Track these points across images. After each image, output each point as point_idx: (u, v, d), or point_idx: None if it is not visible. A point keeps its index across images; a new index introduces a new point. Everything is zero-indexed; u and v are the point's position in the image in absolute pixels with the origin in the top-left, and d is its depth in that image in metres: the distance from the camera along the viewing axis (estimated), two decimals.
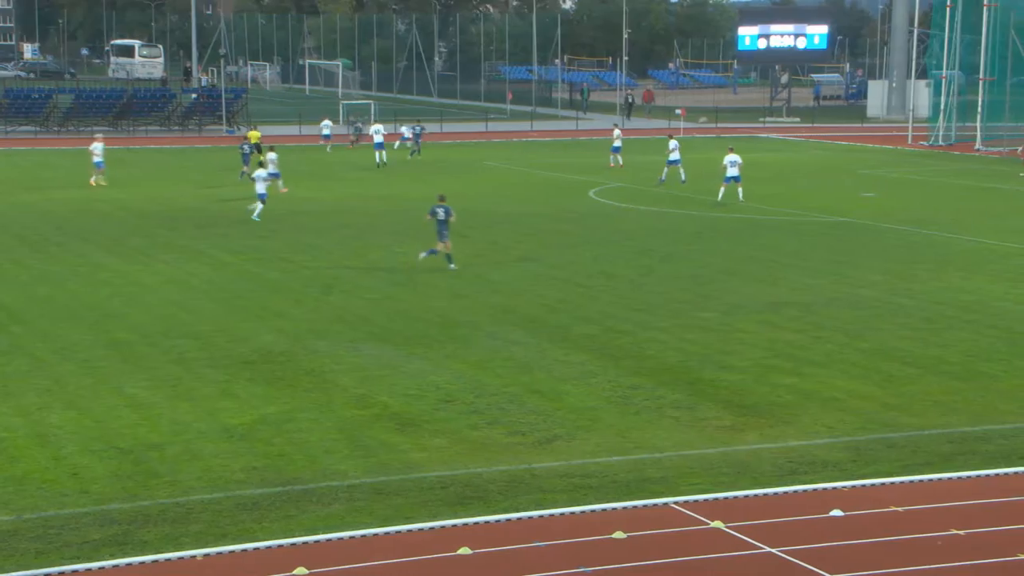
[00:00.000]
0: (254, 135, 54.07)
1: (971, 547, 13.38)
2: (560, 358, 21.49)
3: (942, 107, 65.02)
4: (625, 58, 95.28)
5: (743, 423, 17.85)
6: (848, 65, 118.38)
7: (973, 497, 14.90)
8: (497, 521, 14.32)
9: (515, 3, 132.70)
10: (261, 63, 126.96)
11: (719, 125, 78.92)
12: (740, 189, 41.78)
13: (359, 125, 64.05)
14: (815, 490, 15.22)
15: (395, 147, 60.00)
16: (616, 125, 57.82)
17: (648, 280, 28.58)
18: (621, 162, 52.83)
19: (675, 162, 47.63)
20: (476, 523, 14.24)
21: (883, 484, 15.37)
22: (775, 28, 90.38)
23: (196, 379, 20.06)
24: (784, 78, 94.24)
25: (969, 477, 15.61)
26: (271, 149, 45.56)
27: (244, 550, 13.46)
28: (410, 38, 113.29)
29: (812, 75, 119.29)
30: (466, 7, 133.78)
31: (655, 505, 14.77)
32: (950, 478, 15.60)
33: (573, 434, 17.41)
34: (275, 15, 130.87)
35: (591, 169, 53.60)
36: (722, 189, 41.99)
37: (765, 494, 15.12)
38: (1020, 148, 49.28)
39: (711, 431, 17.53)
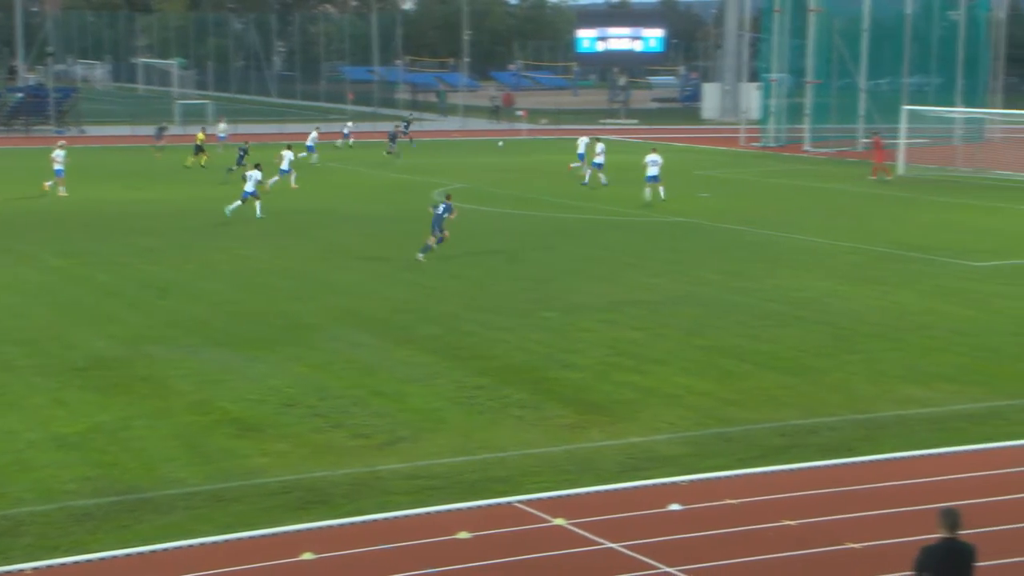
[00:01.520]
0: (200, 137, 53.62)
1: (802, 537, 13.82)
2: (405, 359, 21.44)
3: (772, 109, 66.99)
4: (466, 59, 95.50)
5: (586, 421, 18.09)
6: (683, 68, 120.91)
7: (804, 488, 15.39)
8: (341, 525, 14.21)
9: (354, 3, 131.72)
10: (91, 62, 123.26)
11: (560, 127, 79.79)
12: (662, 188, 42.45)
13: (164, 127, 62.23)
14: (655, 485, 15.52)
15: (338, 144, 59.69)
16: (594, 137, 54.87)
17: (494, 281, 28.73)
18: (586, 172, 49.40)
19: (597, 165, 47.71)
20: (319, 527, 14.10)
21: (719, 478, 15.76)
22: (613, 31, 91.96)
23: (26, 387, 19.39)
24: (622, 80, 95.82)
25: (800, 469, 16.11)
26: (288, 147, 46.68)
27: (76, 562, 13.06)
28: (248, 37, 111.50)
29: (649, 77, 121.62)
30: (305, 7, 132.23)
31: (499, 504, 14.86)
32: (782, 470, 16.08)
33: (418, 435, 17.39)
34: (105, 12, 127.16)
35: (435, 170, 53.63)
36: (647, 190, 42.57)
37: (607, 490, 15.34)
38: (874, 167, 51.13)
39: (555, 429, 17.71)
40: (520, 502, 14.90)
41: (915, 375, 20.40)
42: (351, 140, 64.56)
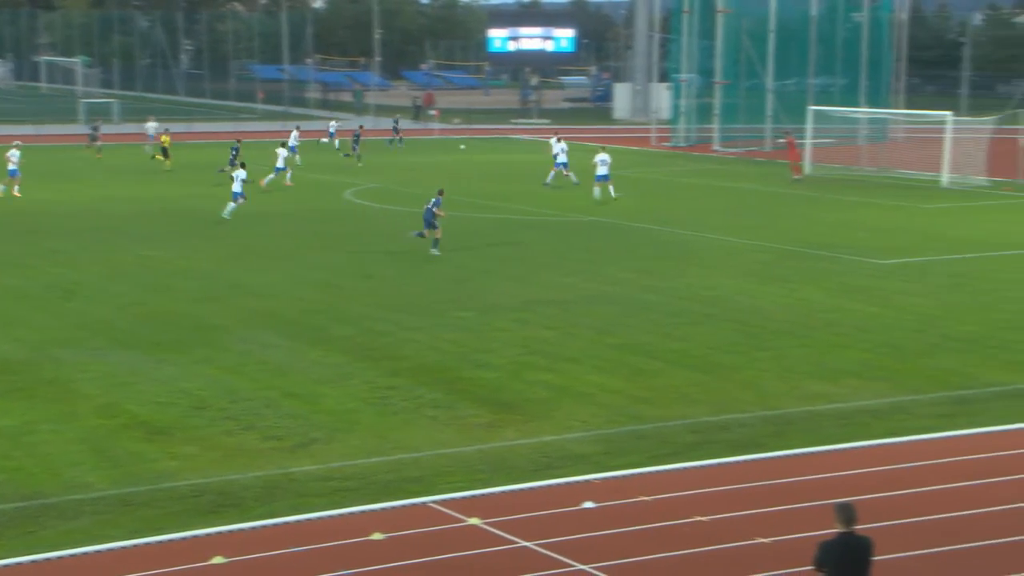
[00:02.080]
0: (166, 139, 52.57)
1: (714, 533, 14.00)
2: (317, 360, 21.30)
3: (682, 110, 67.68)
4: (378, 58, 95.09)
5: (500, 420, 18.13)
6: (594, 68, 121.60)
7: (715, 484, 15.58)
8: (253, 528, 14.08)
9: (263, 1, 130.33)
10: None
11: (472, 126, 79.82)
12: (611, 187, 42.90)
13: (97, 125, 61.34)
14: (568, 484, 15.61)
15: (322, 142, 58.97)
16: (559, 138, 52.09)
17: (407, 280, 28.66)
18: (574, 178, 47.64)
19: (563, 164, 47.65)
20: (231, 531, 13.97)
21: (632, 475, 15.89)
22: (524, 31, 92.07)
23: None
24: (534, 80, 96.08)
25: (711, 465, 16.31)
26: (282, 145, 48.02)
27: None
28: (154, 35, 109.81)
29: (560, 77, 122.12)
30: (213, 5, 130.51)
31: (413, 505, 14.84)
32: (694, 467, 16.27)
33: (331, 437, 17.29)
34: (7, 9, 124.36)
35: (346, 170, 53.32)
36: (596, 188, 42.97)
37: (521, 489, 15.40)
38: (794, 157, 51.83)
39: (469, 429, 17.73)
40: (434, 502, 14.90)
41: (822, 371, 20.76)
42: (336, 140, 62.97)
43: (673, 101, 70.44)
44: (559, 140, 49.22)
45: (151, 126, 60.30)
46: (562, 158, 47.81)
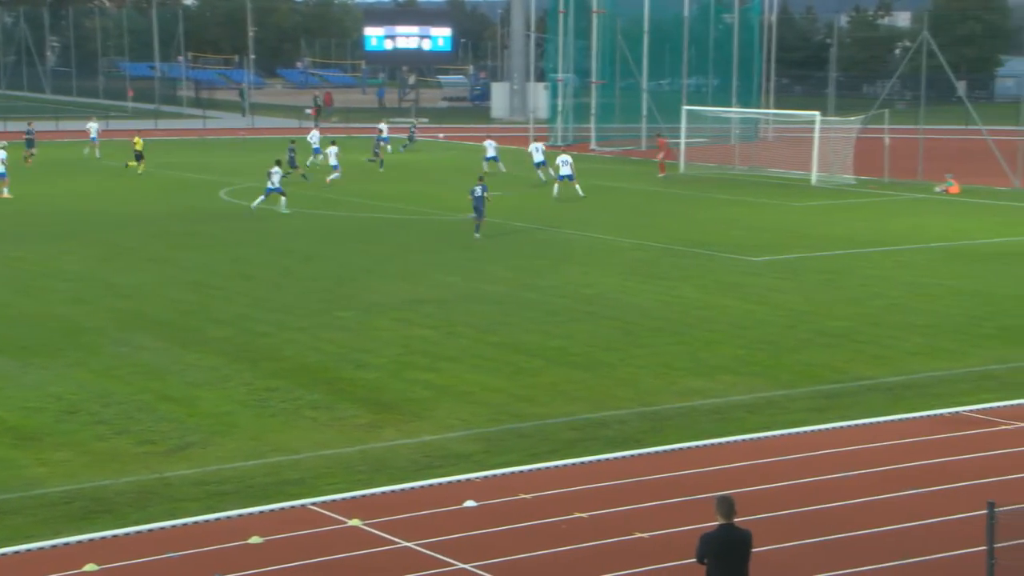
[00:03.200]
0: (138, 141, 51.05)
1: (594, 529, 14.13)
2: (193, 363, 20.94)
3: (559, 109, 68.12)
4: (252, 56, 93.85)
5: (380, 420, 18.04)
6: (472, 67, 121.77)
7: (595, 481, 15.73)
8: (127, 534, 13.80)
9: None
10: None
11: (350, 125, 79.24)
12: (577, 186, 43.22)
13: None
14: (449, 483, 15.60)
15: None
16: (536, 141, 52.91)
17: (287, 281, 28.34)
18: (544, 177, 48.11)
19: (541, 164, 48.23)
20: (103, 538, 13.67)
21: (513, 473, 15.95)
22: (400, 30, 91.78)
23: None
24: (411, 79, 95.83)
25: (591, 462, 16.46)
26: (332, 143, 48.98)
27: None
28: (18, 32, 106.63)
29: (438, 76, 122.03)
30: (79, 0, 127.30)
31: (292, 507, 14.69)
32: (574, 464, 16.40)
33: (208, 440, 17.02)
34: None
35: (221, 169, 52.51)
36: (556, 187, 43.35)
37: (401, 489, 15.35)
38: (660, 155, 52.47)
39: (349, 430, 17.61)
40: (314, 504, 14.76)
41: (698, 368, 21.10)
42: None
43: (550, 100, 70.87)
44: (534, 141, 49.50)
45: (92, 126, 58.22)
46: (538, 157, 48.74)
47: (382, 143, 57.73)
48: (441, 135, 72.70)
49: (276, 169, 39.37)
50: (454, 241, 34.57)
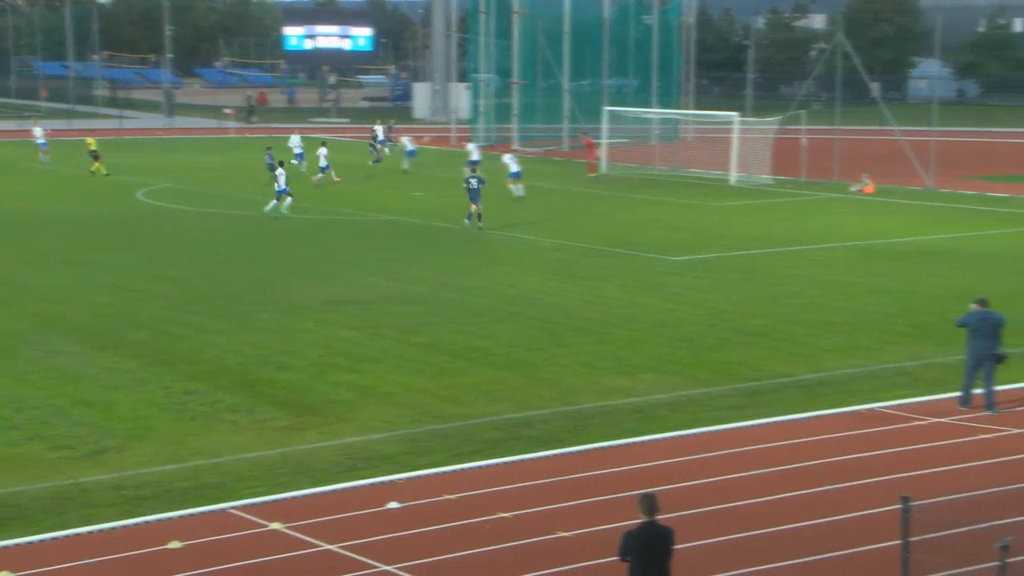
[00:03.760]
0: (92, 141, 49.71)
1: (517, 528, 14.15)
2: (110, 366, 20.62)
3: (481, 109, 68.15)
4: (169, 55, 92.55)
5: (302, 422, 17.90)
6: (393, 67, 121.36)
7: (518, 481, 15.74)
8: (41, 541, 13.55)
9: None
10: None
11: (271, 125, 78.57)
12: (512, 186, 43.24)
13: None
14: (372, 484, 15.53)
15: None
16: (472, 144, 52.95)
17: (206, 283, 28.02)
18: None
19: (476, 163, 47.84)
20: (17, 545, 13.41)
21: (436, 474, 15.92)
22: (320, 29, 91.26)
23: None
24: (332, 79, 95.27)
25: (514, 462, 16.48)
26: (323, 144, 49.00)
27: None
28: None
29: (359, 76, 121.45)
30: None
31: (212, 512, 14.52)
32: (497, 464, 16.40)
33: (125, 444, 16.76)
34: None
35: (139, 169, 51.75)
36: (514, 186, 43.34)
37: (324, 492, 15.24)
38: (591, 154, 52.63)
39: (270, 432, 17.44)
40: (234, 508, 14.60)
41: (620, 366, 21.22)
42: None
43: (472, 101, 70.88)
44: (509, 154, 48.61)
45: (38, 131, 56.53)
46: (475, 156, 49.01)
47: (380, 144, 57.27)
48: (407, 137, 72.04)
49: (282, 171, 39.52)
50: (374, 241, 34.42)
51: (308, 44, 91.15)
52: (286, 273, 29.24)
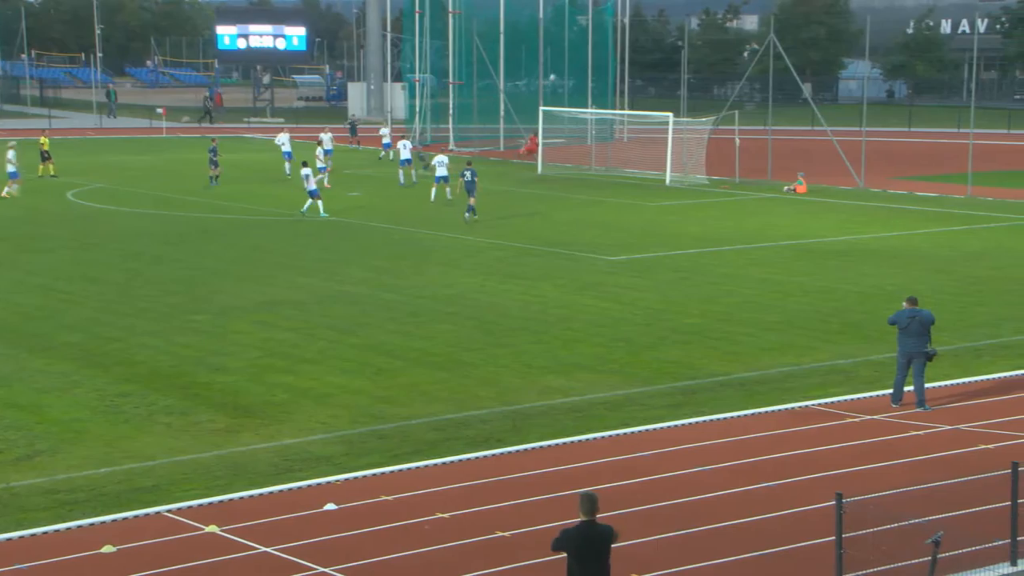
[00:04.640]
0: (45, 140, 48.49)
1: (456, 528, 14.13)
2: (40, 369, 20.30)
3: (417, 109, 67.99)
4: (100, 54, 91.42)
5: (238, 424, 17.74)
6: (328, 67, 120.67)
7: (457, 481, 15.72)
8: None
9: None
10: None
11: (203, 124, 77.78)
12: (448, 189, 42.59)
13: None
14: (310, 486, 15.43)
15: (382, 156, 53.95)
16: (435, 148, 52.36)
17: (137, 284, 27.68)
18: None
19: (406, 162, 47.77)
20: None
21: (375, 475, 15.86)
22: (254, 28, 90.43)
23: None
24: (266, 78, 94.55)
25: (453, 462, 16.46)
26: (320, 144, 48.69)
27: None
28: None
29: (294, 76, 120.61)
30: None
31: (146, 515, 14.35)
32: (435, 464, 16.37)
33: (57, 448, 16.52)
34: None
35: (69, 170, 50.99)
36: (447, 190, 42.58)
37: (261, 494, 15.12)
38: (522, 148, 52.64)
39: (205, 435, 17.27)
40: (169, 511, 14.44)
41: (558, 366, 21.27)
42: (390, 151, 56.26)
43: (408, 101, 70.68)
44: (443, 151, 47.67)
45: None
46: (405, 154, 48.30)
47: (386, 149, 56.83)
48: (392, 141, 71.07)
49: (308, 171, 39.05)
50: (308, 241, 34.20)
51: (241, 43, 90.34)
52: (216, 274, 28.97)
